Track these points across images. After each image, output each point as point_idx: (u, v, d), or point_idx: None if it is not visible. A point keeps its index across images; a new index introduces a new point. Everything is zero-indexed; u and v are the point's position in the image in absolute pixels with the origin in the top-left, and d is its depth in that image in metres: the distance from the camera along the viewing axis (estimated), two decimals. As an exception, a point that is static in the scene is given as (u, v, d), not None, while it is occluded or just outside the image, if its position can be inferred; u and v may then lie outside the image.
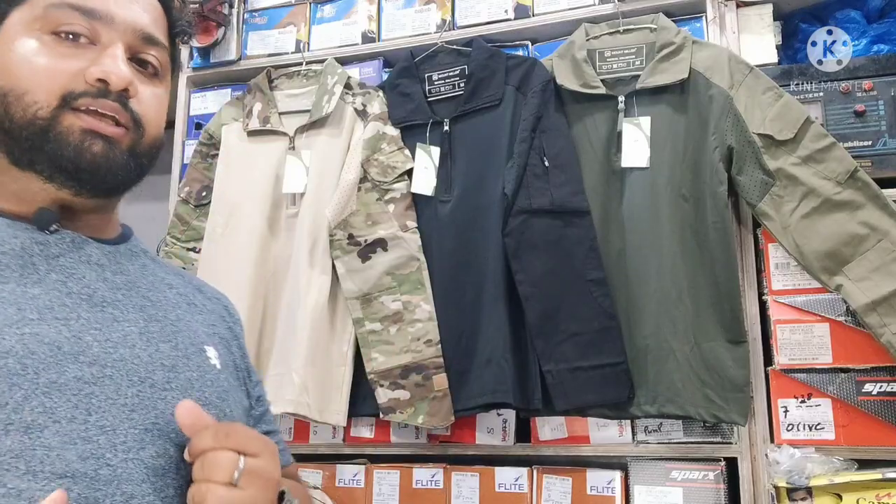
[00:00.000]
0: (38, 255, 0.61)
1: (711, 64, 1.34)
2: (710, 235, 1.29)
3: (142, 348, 0.63)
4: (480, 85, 1.46)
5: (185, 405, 0.58)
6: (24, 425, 0.54)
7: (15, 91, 0.61)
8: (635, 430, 1.37)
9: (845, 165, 1.24)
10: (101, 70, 0.62)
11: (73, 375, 0.57)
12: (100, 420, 0.57)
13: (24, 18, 0.63)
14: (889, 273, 1.20)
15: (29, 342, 0.56)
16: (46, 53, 0.62)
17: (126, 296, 0.66)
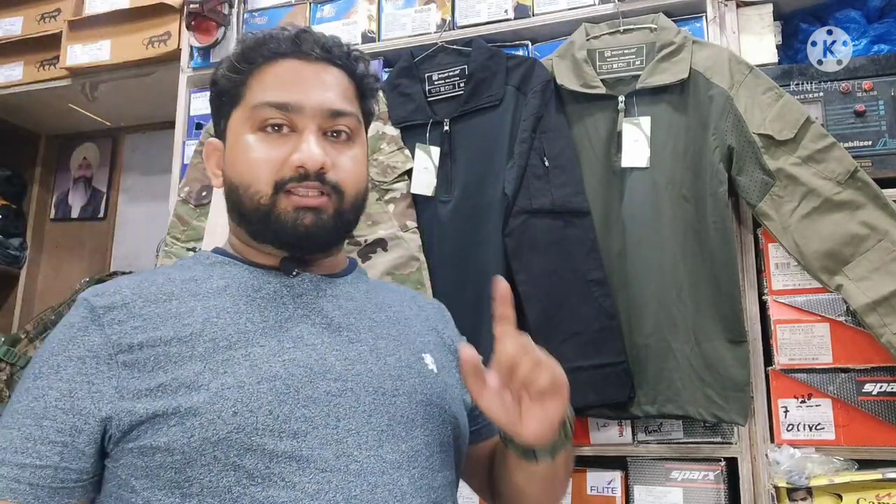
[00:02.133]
0: (286, 295, 0.77)
1: (711, 64, 1.34)
2: (710, 235, 1.29)
3: (373, 363, 0.76)
4: (481, 85, 1.46)
5: (465, 350, 0.74)
6: (293, 432, 0.68)
7: (243, 184, 0.78)
8: (635, 430, 1.37)
9: (845, 165, 1.24)
10: (300, 158, 0.76)
11: (324, 390, 0.71)
12: (347, 425, 0.70)
13: (239, 119, 0.80)
14: (889, 273, 1.20)
15: (289, 367, 0.71)
16: (258, 150, 0.78)
17: (357, 319, 0.79)
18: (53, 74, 2.04)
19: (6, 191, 2.46)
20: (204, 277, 0.78)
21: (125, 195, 2.48)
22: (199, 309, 0.73)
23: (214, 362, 0.69)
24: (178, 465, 0.66)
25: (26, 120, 2.45)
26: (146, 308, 0.73)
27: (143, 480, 0.67)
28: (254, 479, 0.66)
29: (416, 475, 0.72)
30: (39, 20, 2.09)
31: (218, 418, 0.66)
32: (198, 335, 0.71)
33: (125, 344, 0.70)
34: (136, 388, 0.68)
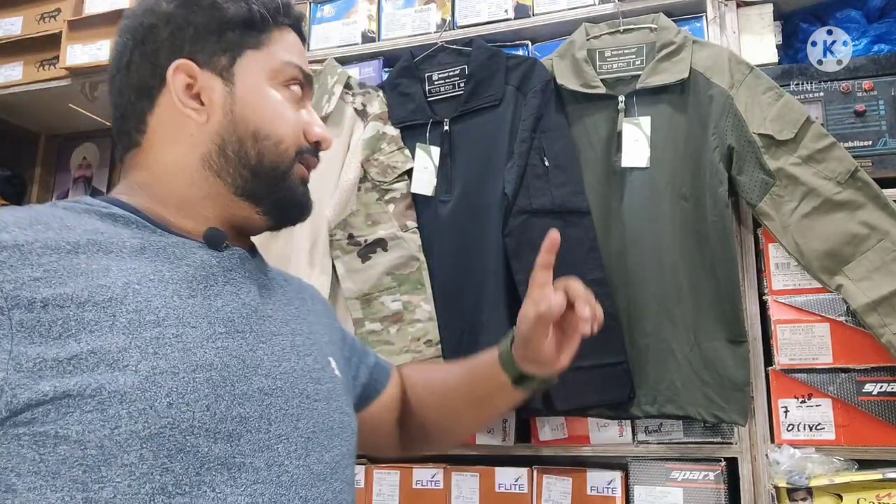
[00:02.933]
0: (215, 267, 0.67)
1: (711, 64, 1.34)
2: (710, 235, 1.29)
3: (295, 361, 0.69)
4: (480, 85, 1.46)
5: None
6: (227, 434, 0.59)
7: (272, 137, 0.71)
8: (635, 430, 1.37)
9: (846, 165, 1.24)
10: (320, 134, 0.74)
11: (257, 387, 0.63)
12: (277, 429, 0.63)
13: (263, 66, 0.72)
14: (889, 273, 1.20)
15: (222, 355, 0.62)
16: (288, 108, 0.73)
17: (275, 309, 0.72)
18: (53, 74, 2.03)
19: (6, 191, 2.46)
20: (111, 232, 0.63)
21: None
22: (115, 269, 0.60)
23: (142, 339, 0.57)
24: (89, 463, 0.53)
25: (26, 120, 2.45)
26: (46, 256, 0.57)
27: (31, 477, 0.53)
28: (181, 486, 0.56)
29: (337, 488, 0.68)
30: (39, 20, 2.08)
31: (150, 408, 0.55)
32: (119, 301, 0.58)
33: (24, 298, 0.55)
34: (39, 356, 0.54)
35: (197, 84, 0.71)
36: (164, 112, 0.71)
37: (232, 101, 0.71)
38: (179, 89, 0.70)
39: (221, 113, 0.70)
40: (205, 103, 0.71)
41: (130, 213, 0.67)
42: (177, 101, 0.70)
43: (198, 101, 0.71)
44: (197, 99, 0.71)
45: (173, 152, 0.71)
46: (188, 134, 0.71)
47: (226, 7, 0.72)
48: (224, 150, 0.70)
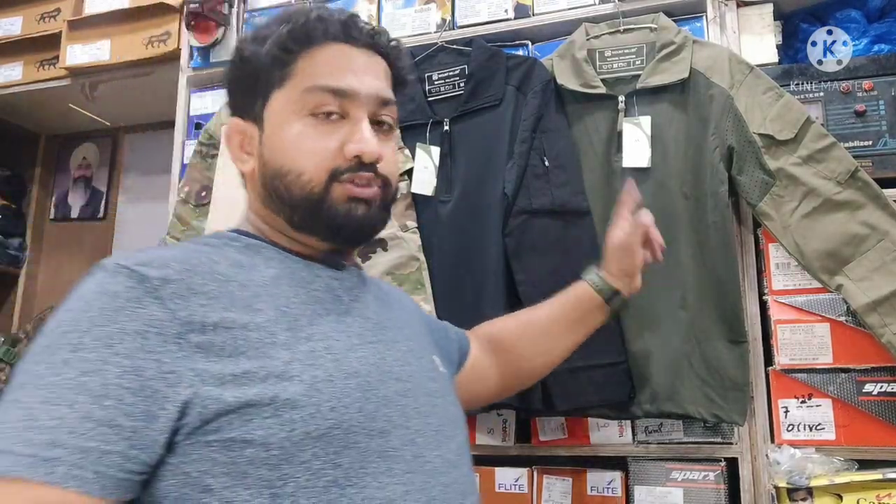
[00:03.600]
0: (339, 288, 0.75)
1: (712, 63, 1.34)
2: (710, 235, 1.29)
3: (416, 364, 0.76)
4: (480, 85, 1.46)
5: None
6: (379, 430, 0.66)
7: (293, 172, 0.73)
8: (635, 430, 1.37)
9: (846, 165, 1.24)
10: (357, 148, 0.73)
11: (393, 390, 0.70)
12: (415, 425, 0.70)
13: (286, 102, 0.75)
14: (889, 273, 1.20)
15: (363, 364, 0.69)
16: (312, 136, 0.74)
17: (390, 319, 0.79)
18: (53, 74, 2.04)
19: (6, 191, 2.46)
20: (250, 263, 0.72)
21: (125, 195, 2.48)
22: (265, 295, 0.68)
23: (300, 353, 0.65)
24: (273, 462, 0.60)
25: (26, 120, 2.45)
26: (207, 286, 0.65)
27: (224, 478, 0.60)
28: (349, 478, 0.63)
29: (465, 472, 0.75)
30: (39, 20, 2.09)
31: (317, 412, 0.62)
32: (274, 322, 0.66)
33: (196, 322, 0.62)
34: (219, 373, 0.61)
35: (246, 137, 0.78)
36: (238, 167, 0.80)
37: (262, 145, 0.76)
38: (234, 147, 0.79)
39: (257, 159, 0.77)
40: (250, 153, 0.78)
41: (263, 241, 0.76)
42: (232, 156, 0.79)
43: (246, 152, 0.78)
44: (245, 151, 0.78)
45: (252, 197, 0.80)
46: (251, 183, 0.79)
47: (253, 56, 0.76)
48: (266, 190, 0.76)
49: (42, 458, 0.54)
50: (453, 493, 0.71)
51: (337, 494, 0.62)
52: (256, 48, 0.76)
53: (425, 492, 0.67)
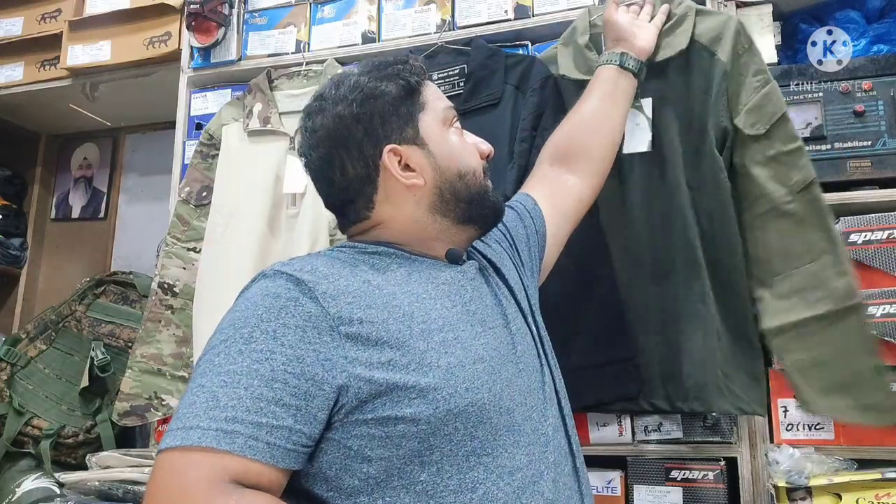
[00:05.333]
0: (462, 280, 0.86)
1: (715, 35, 1.27)
2: (714, 225, 1.26)
3: (527, 343, 0.88)
4: (480, 84, 1.46)
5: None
6: (505, 409, 0.78)
7: (469, 171, 0.90)
8: (635, 429, 1.37)
9: (804, 175, 1.21)
10: (487, 148, 0.94)
11: (511, 372, 0.82)
12: (530, 401, 0.82)
13: (434, 121, 0.90)
14: (804, 301, 1.19)
15: (487, 349, 0.80)
16: (462, 143, 0.92)
17: (504, 301, 0.90)
18: (54, 74, 2.04)
19: (7, 191, 2.46)
20: (382, 266, 0.83)
21: (125, 195, 2.48)
22: (399, 294, 0.78)
23: (434, 342, 0.76)
24: (422, 435, 0.71)
25: (27, 120, 2.45)
26: (351, 286, 0.76)
27: (381, 450, 0.71)
28: (485, 449, 0.74)
29: (570, 433, 0.87)
30: (40, 20, 2.09)
31: (455, 392, 0.73)
32: (410, 317, 0.76)
33: (345, 317, 0.73)
34: (367, 360, 0.72)
35: (404, 158, 0.87)
36: (387, 188, 0.87)
37: (434, 158, 0.88)
38: (397, 168, 0.87)
39: (431, 171, 0.88)
40: (416, 170, 0.87)
41: (389, 248, 0.86)
42: (399, 177, 0.86)
43: (410, 170, 0.87)
44: (409, 169, 0.87)
45: (404, 212, 0.88)
46: (412, 196, 0.88)
47: (390, 90, 0.88)
48: (443, 196, 0.88)
49: (225, 431, 0.65)
50: (561, 454, 0.83)
51: (475, 462, 0.73)
52: (385, 85, 0.88)
53: (544, 460, 0.79)
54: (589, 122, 1.18)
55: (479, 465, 0.73)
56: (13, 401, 1.83)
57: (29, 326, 1.97)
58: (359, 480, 0.72)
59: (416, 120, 0.88)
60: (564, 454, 0.84)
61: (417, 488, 0.71)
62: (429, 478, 0.72)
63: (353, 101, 0.87)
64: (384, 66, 0.90)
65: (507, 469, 0.75)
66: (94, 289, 1.97)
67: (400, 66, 0.90)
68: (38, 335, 1.93)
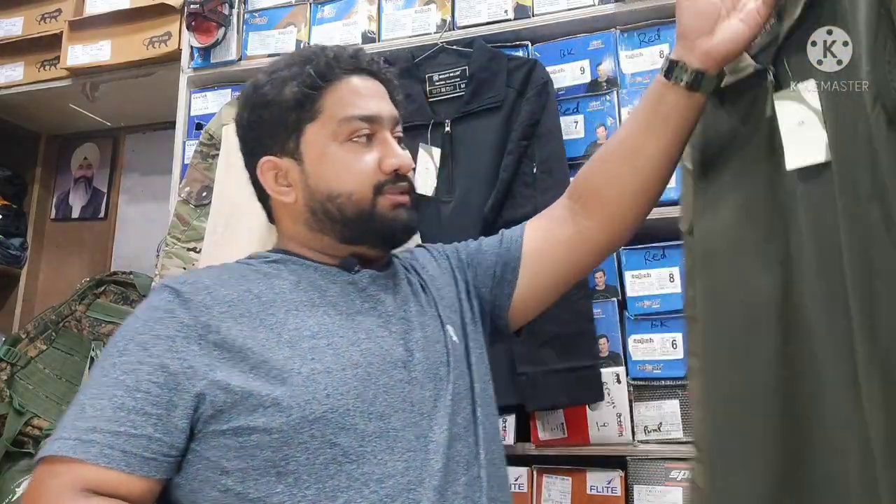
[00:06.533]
0: (352, 291, 0.84)
1: None
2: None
3: (428, 351, 0.84)
4: (482, 86, 1.46)
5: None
6: (378, 414, 0.75)
7: (344, 193, 0.84)
8: (635, 429, 1.37)
9: None
10: (397, 162, 0.85)
11: (398, 378, 0.79)
12: (419, 409, 0.79)
13: (321, 133, 0.84)
14: None
15: (367, 356, 0.78)
16: (352, 159, 0.84)
17: (406, 312, 0.86)
18: (54, 74, 2.04)
19: (7, 191, 2.46)
20: (275, 273, 0.84)
21: (125, 195, 2.48)
22: (280, 301, 0.80)
23: (301, 349, 0.76)
24: (275, 445, 0.71)
25: (27, 120, 2.45)
26: (230, 296, 0.79)
27: (237, 461, 0.71)
28: (348, 456, 0.72)
29: (471, 442, 0.82)
30: (40, 20, 2.09)
31: (313, 399, 0.72)
32: (282, 324, 0.77)
33: (214, 326, 0.75)
34: (230, 368, 0.73)
35: (282, 171, 0.86)
36: (273, 200, 0.89)
37: (305, 175, 0.85)
38: (270, 182, 0.87)
39: (302, 189, 0.85)
40: (291, 185, 0.86)
41: (287, 255, 0.87)
42: (271, 192, 0.87)
43: (286, 185, 0.86)
44: (285, 184, 0.86)
45: (289, 225, 0.89)
46: (290, 211, 0.87)
47: (284, 96, 0.85)
48: (315, 214, 0.85)
49: (83, 440, 0.68)
50: (456, 465, 0.78)
51: (335, 470, 0.71)
52: (279, 90, 0.85)
53: (427, 467, 0.75)
54: (609, 157, 0.92)
55: (340, 473, 0.71)
56: (13, 401, 1.83)
57: (29, 326, 1.97)
58: (218, 492, 0.71)
59: (302, 131, 0.85)
60: (465, 464, 0.79)
61: (274, 500, 0.70)
62: (286, 489, 0.70)
63: (250, 106, 0.88)
64: (291, 65, 0.86)
65: (376, 476, 0.72)
66: (95, 289, 1.97)
67: (307, 65, 0.85)
68: (39, 335, 1.93)
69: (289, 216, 0.88)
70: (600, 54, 1.49)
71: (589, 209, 0.94)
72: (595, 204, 0.93)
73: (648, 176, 0.88)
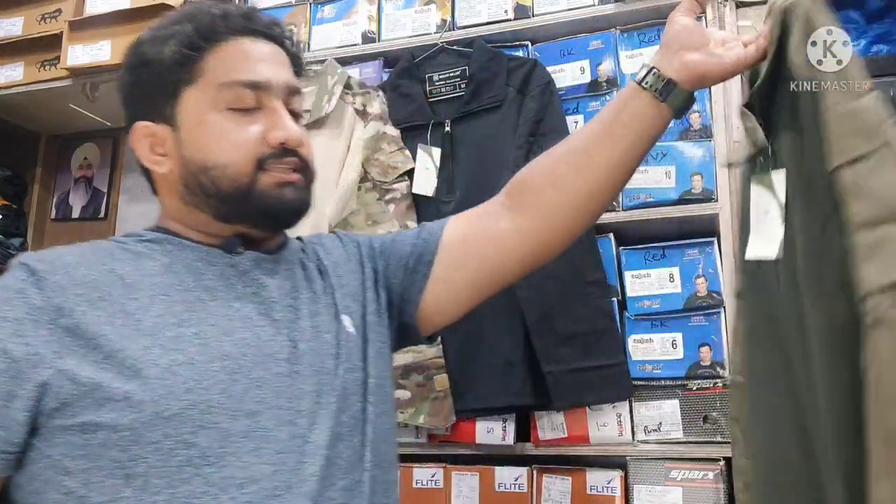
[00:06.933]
0: (232, 275, 0.76)
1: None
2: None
3: (315, 342, 0.76)
4: (482, 86, 1.47)
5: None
6: (247, 412, 0.68)
7: (219, 165, 0.75)
8: (635, 429, 1.37)
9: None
10: (283, 135, 0.76)
11: (276, 372, 0.72)
12: (297, 406, 0.71)
13: (201, 98, 0.76)
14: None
15: (240, 346, 0.71)
16: (233, 129, 0.75)
17: (295, 299, 0.79)
18: (54, 75, 2.03)
19: (6, 191, 2.46)
20: (146, 253, 0.75)
21: (126, 195, 2.48)
22: (147, 284, 0.72)
23: (164, 338, 0.68)
24: (123, 444, 0.64)
25: (26, 120, 2.45)
26: (90, 276, 0.71)
27: (81, 461, 0.64)
28: (207, 458, 0.65)
29: (357, 442, 0.75)
30: (40, 20, 2.09)
31: (170, 394, 0.65)
32: (145, 310, 0.70)
33: (68, 309, 0.68)
34: (81, 356, 0.66)
35: (157, 139, 0.78)
36: (152, 172, 0.81)
37: (180, 144, 0.77)
38: (144, 150, 0.79)
39: (177, 158, 0.77)
40: (166, 154, 0.78)
41: (164, 235, 0.79)
42: (144, 161, 0.80)
43: (161, 154, 0.78)
44: (160, 153, 0.78)
45: (166, 200, 0.81)
46: (167, 183, 0.80)
47: (163, 56, 0.77)
48: (189, 188, 0.77)
49: None
50: (336, 468, 0.71)
51: (191, 474, 0.64)
52: (159, 49, 0.77)
53: (299, 471, 0.68)
54: (557, 159, 0.87)
55: (196, 477, 0.64)
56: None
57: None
58: (61, 495, 0.64)
59: (179, 95, 0.77)
60: (346, 468, 0.72)
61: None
62: (133, 493, 0.63)
63: (128, 67, 0.80)
64: (175, 22, 0.79)
65: (238, 481, 0.65)
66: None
67: (191, 23, 0.77)
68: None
69: (165, 189, 0.80)
70: (600, 54, 1.49)
71: (528, 209, 0.88)
72: (534, 205, 0.87)
73: (595, 186, 0.84)
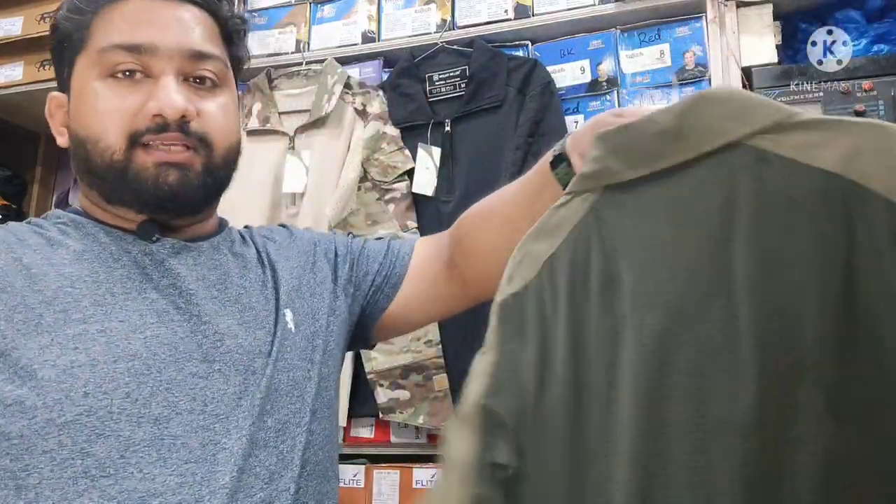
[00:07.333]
0: (149, 264, 0.69)
1: None
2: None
3: (243, 338, 0.70)
4: (482, 86, 1.46)
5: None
6: (153, 418, 0.61)
7: (90, 139, 0.68)
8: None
9: None
10: (157, 106, 0.67)
11: (190, 372, 0.65)
12: (214, 410, 0.64)
13: (86, 65, 0.69)
14: None
15: (151, 344, 0.64)
16: (107, 98, 0.68)
17: (222, 291, 0.72)
18: (53, 75, 2.04)
19: (6, 190, 2.46)
20: (59, 240, 0.68)
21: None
22: (53, 275, 0.65)
23: (64, 336, 0.62)
24: (14, 452, 0.58)
25: (26, 120, 2.45)
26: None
27: None
28: (105, 469, 0.59)
29: (285, 448, 0.68)
30: (39, 20, 2.08)
31: (66, 398, 0.59)
32: (47, 304, 0.63)
33: None
34: None
35: (64, 110, 0.73)
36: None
37: (69, 116, 0.72)
38: (54, 123, 0.74)
39: (68, 130, 0.72)
40: (66, 125, 0.73)
41: (83, 217, 0.71)
42: (54, 134, 0.74)
43: (63, 125, 0.73)
44: (63, 124, 0.73)
45: (77, 175, 0.74)
46: (72, 159, 0.73)
47: (61, 25, 0.72)
48: (76, 163, 0.71)
49: None
50: (254, 478, 0.64)
51: (86, 486, 0.58)
52: (63, 18, 0.72)
53: (210, 482, 0.61)
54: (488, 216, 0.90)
55: (91, 490, 0.58)
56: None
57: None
58: None
59: (73, 62, 0.71)
60: (267, 477, 0.65)
61: None
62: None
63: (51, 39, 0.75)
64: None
65: (139, 494, 0.59)
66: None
67: None
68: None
69: (73, 164, 0.73)
70: (600, 54, 1.49)
71: (464, 254, 0.86)
72: (469, 253, 0.86)
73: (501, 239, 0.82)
